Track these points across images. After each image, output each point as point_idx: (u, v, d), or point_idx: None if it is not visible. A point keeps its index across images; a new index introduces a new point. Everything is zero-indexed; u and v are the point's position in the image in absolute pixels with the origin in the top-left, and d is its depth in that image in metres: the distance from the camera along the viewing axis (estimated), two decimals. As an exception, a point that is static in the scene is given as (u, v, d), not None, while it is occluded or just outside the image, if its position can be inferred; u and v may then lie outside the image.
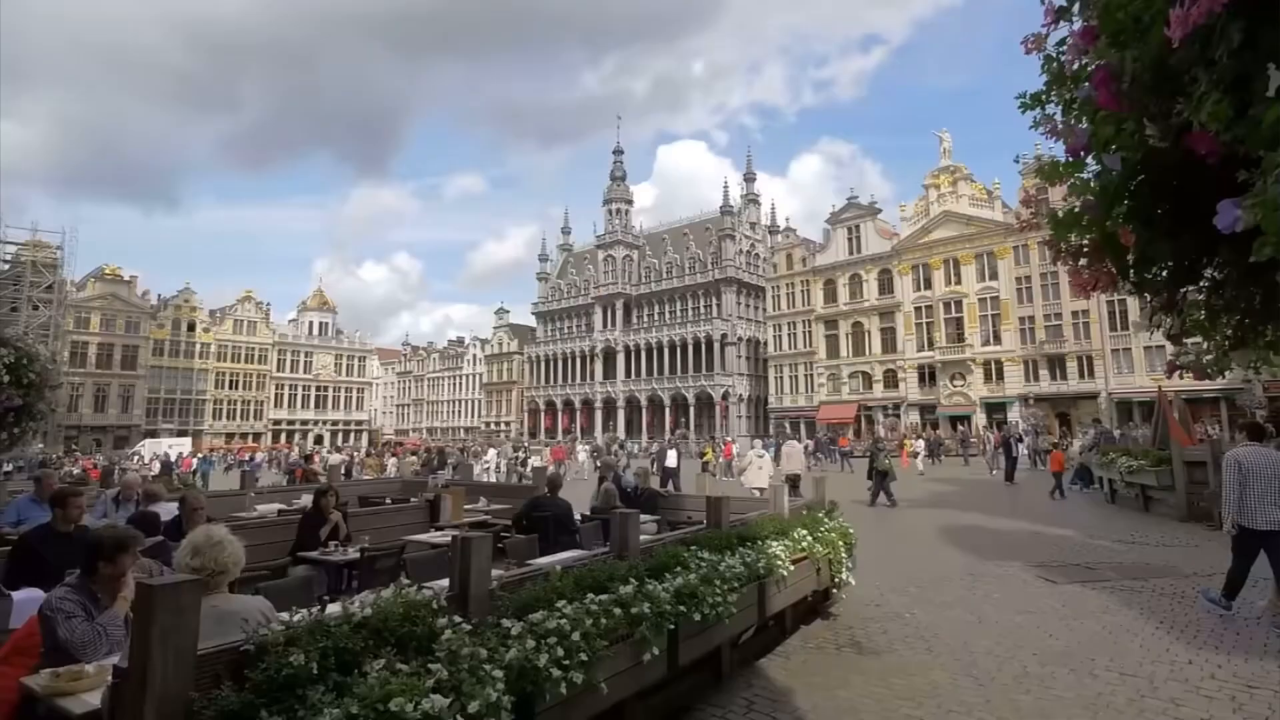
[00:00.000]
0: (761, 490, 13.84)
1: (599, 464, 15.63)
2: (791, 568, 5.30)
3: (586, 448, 21.03)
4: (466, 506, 7.94)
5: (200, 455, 39.78)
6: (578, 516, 7.10)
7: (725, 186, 61.12)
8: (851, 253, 52.06)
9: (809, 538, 5.90)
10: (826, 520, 6.47)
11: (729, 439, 39.75)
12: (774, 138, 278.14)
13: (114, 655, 2.81)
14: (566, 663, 2.97)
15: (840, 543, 6.32)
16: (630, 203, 68.93)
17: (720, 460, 25.67)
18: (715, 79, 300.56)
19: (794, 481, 14.30)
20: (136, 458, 43.09)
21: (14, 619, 3.60)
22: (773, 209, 66.92)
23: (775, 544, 5.27)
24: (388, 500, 8.80)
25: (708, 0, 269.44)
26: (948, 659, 5.25)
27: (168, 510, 6.74)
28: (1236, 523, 5.78)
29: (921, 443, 28.20)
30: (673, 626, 3.78)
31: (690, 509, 7.79)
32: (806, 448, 35.96)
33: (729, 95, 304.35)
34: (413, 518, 7.33)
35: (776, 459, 16.68)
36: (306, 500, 8.73)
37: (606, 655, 3.25)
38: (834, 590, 6.42)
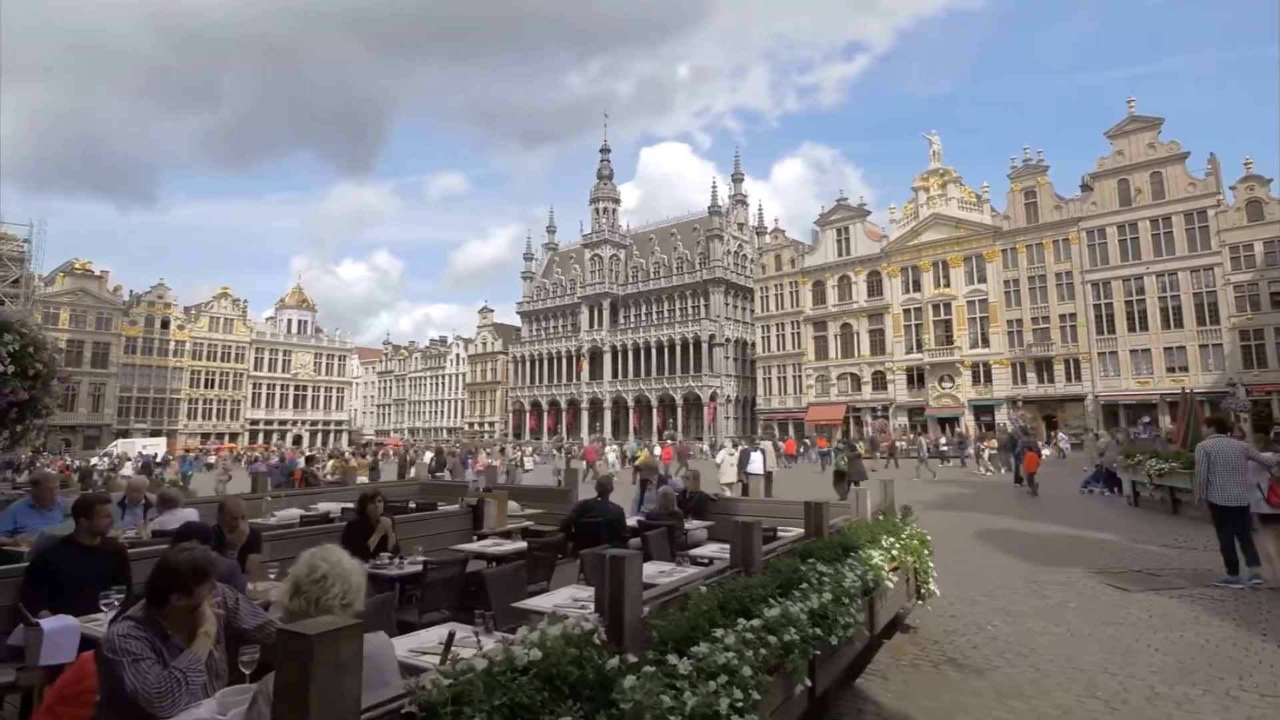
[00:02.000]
0: (730, 486, 14.57)
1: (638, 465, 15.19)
2: (895, 579, 4.86)
3: (616, 448, 20.21)
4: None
5: (188, 455, 38.43)
6: (632, 522, 6.60)
7: (714, 187, 60.96)
8: (841, 254, 52.06)
9: (897, 545, 5.46)
10: (906, 526, 6.04)
11: (669, 441, 39.11)
12: (756, 141, 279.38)
13: (197, 708, 2.26)
14: (741, 704, 2.48)
15: (924, 550, 5.89)
16: (617, 202, 68.41)
17: (660, 464, 24.48)
18: (700, 82, 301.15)
19: (767, 479, 15.20)
20: (108, 458, 41.61)
21: (45, 653, 3.02)
22: (760, 210, 66.90)
23: (876, 553, 4.82)
24: (411, 505, 8.19)
25: (694, 5, 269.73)
26: (1060, 677, 4.83)
27: (184, 517, 6.12)
28: (1207, 500, 7.25)
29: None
30: (817, 652, 3.31)
31: (745, 514, 7.31)
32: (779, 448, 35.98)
33: (713, 99, 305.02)
34: (455, 525, 6.75)
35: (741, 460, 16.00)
36: (326, 506, 8.13)
37: (766, 692, 2.77)
38: (919, 601, 5.99)
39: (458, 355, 78.93)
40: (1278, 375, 35.70)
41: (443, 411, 79.08)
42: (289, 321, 73.36)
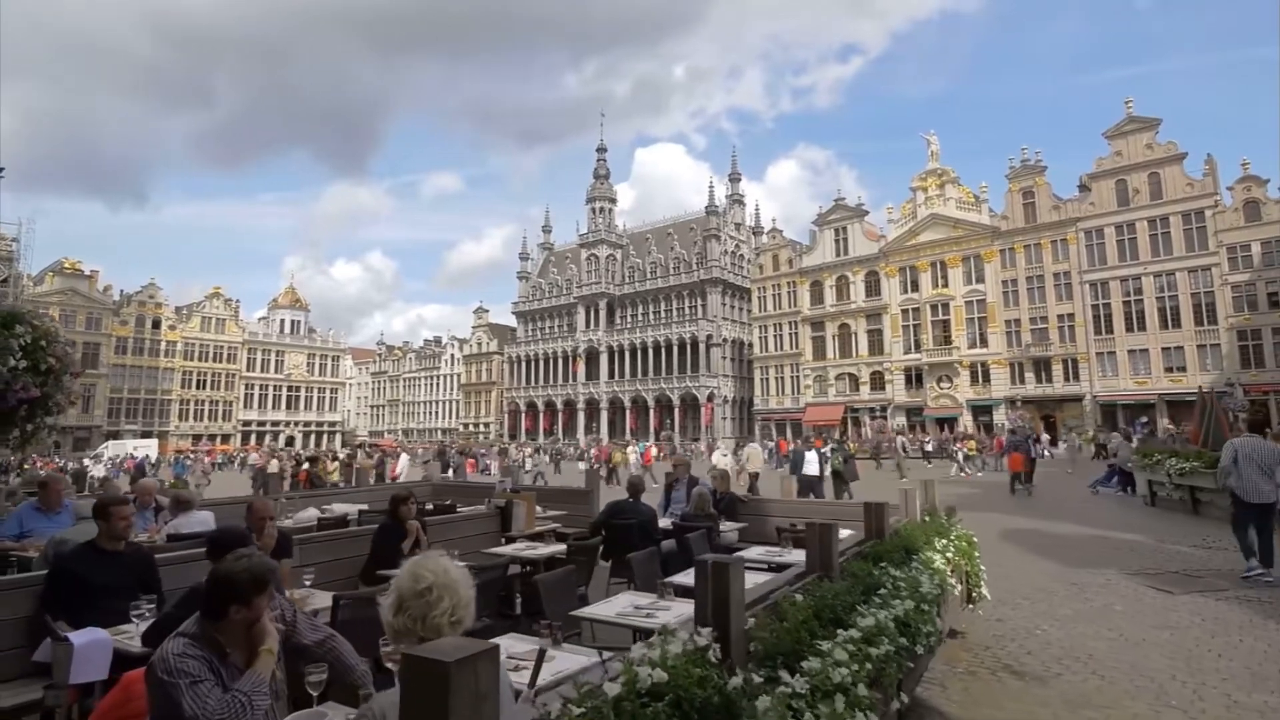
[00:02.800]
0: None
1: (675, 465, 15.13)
2: (955, 582, 4.64)
3: (637, 449, 19.70)
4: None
5: (180, 457, 37.88)
6: (666, 523, 6.35)
7: (710, 186, 60.78)
8: (839, 254, 51.98)
9: (950, 548, 5.25)
10: (953, 528, 5.82)
11: (648, 444, 38.90)
12: (751, 143, 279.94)
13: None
14: (859, 726, 2.25)
15: (974, 552, 5.68)
16: (614, 201, 68.15)
17: (639, 464, 24.12)
18: (695, 83, 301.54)
19: (752, 479, 15.56)
20: (99, 460, 41.05)
21: (76, 670, 2.75)
22: (757, 210, 66.83)
23: (936, 556, 4.60)
24: (428, 505, 7.91)
25: (690, 6, 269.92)
26: (1127, 685, 4.63)
27: (201, 520, 5.85)
28: (1231, 489, 7.39)
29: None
30: (910, 665, 3.08)
31: (778, 514, 7.09)
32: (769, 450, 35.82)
33: (708, 99, 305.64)
34: (482, 527, 6.48)
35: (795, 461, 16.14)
36: (342, 508, 7.84)
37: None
38: (970, 605, 5.77)
39: (453, 356, 78.43)
40: (1275, 375, 35.82)
41: (438, 412, 78.55)
42: (282, 321, 72.66)
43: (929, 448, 35.32)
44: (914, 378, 47.74)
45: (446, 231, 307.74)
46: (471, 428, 72.67)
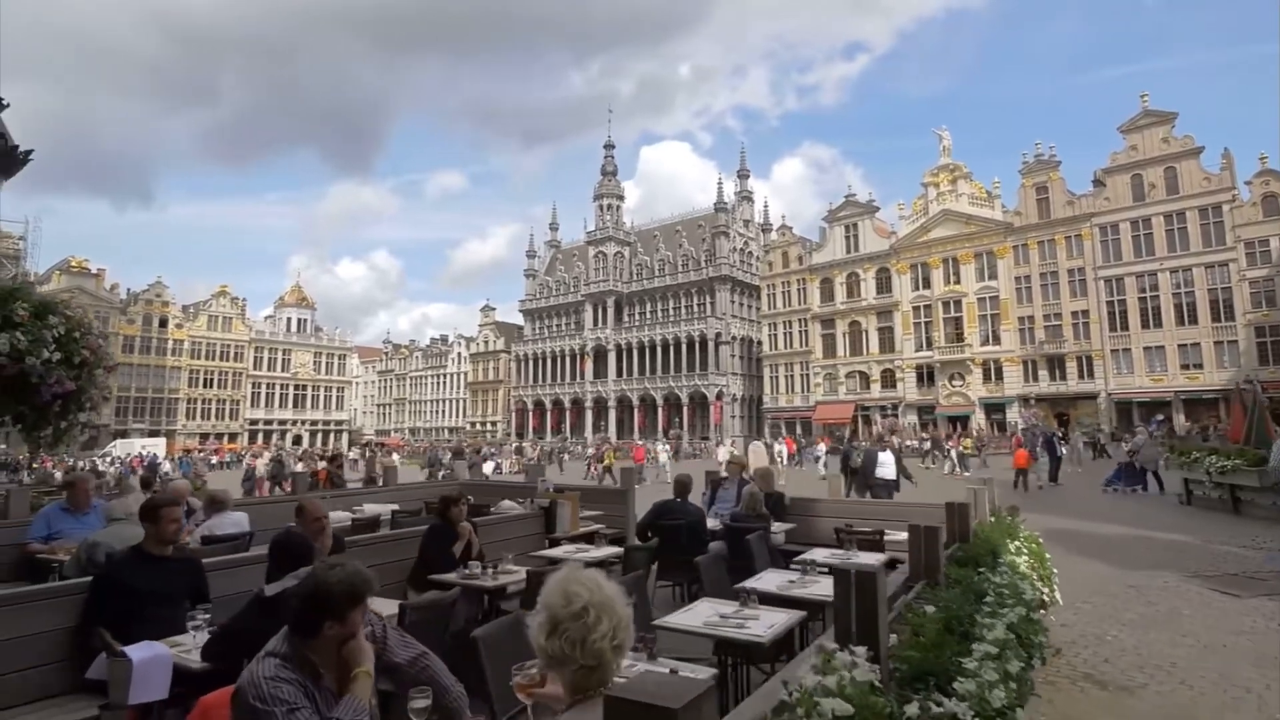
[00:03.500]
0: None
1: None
2: (1041, 587, 4.38)
3: (668, 447, 19.23)
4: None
5: (187, 456, 37.78)
6: (716, 524, 6.10)
7: (719, 183, 60.53)
8: (849, 251, 51.59)
9: (1024, 550, 4.98)
10: (1020, 529, 5.55)
11: (639, 443, 38.80)
12: (756, 141, 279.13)
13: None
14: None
15: (1045, 554, 5.42)
16: (621, 198, 67.85)
17: (670, 463, 23.79)
18: (700, 81, 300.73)
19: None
20: (107, 459, 41.01)
21: (135, 689, 2.52)
22: (765, 207, 66.47)
23: (1020, 559, 4.34)
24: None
25: (693, 6, 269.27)
26: (1221, 696, 4.37)
27: (235, 522, 5.63)
28: None
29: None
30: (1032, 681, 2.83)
31: (826, 514, 6.83)
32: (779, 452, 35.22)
33: (713, 98, 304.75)
34: (527, 529, 6.24)
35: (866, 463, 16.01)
36: (373, 509, 7.59)
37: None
38: (1043, 610, 5.50)
39: (459, 354, 78.25)
40: (1294, 372, 35.38)
41: (444, 411, 78.41)
42: (288, 320, 72.55)
43: (926, 446, 34.79)
44: (926, 376, 47.37)
45: (451, 230, 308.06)
46: (478, 426, 72.50)
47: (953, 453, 26.96)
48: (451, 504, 4.66)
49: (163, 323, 62.91)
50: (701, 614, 3.34)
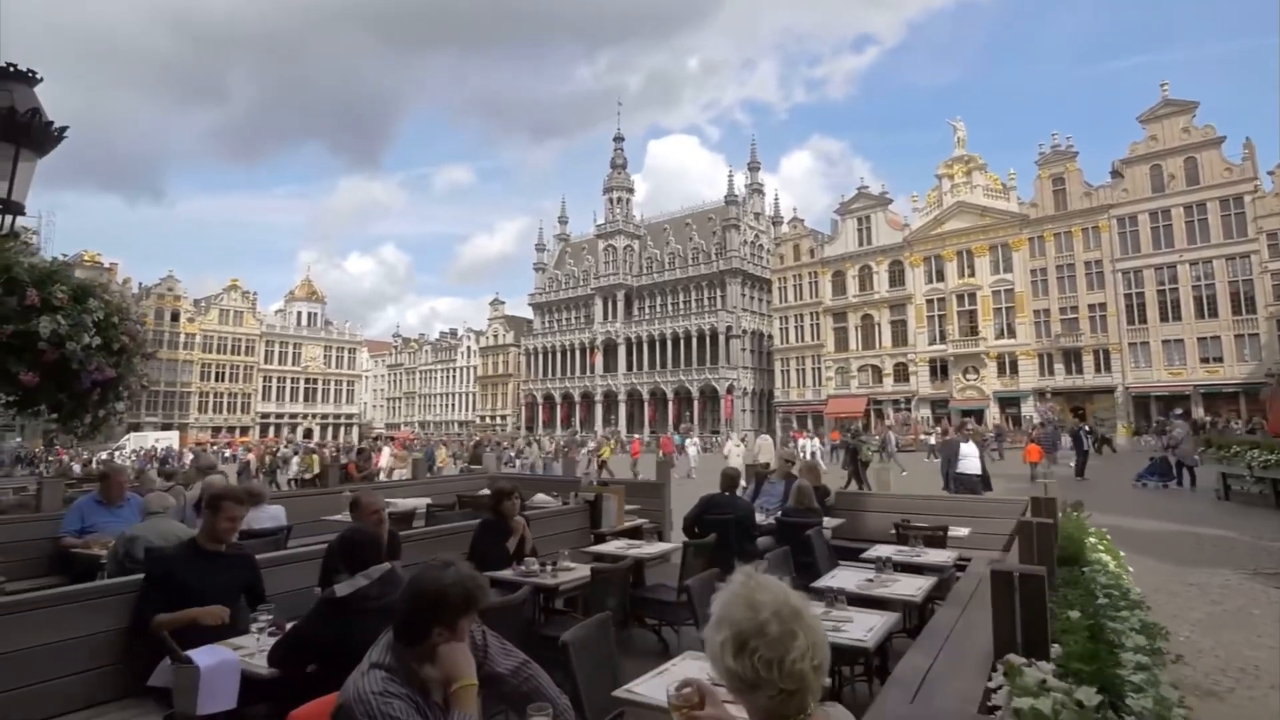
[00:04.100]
0: None
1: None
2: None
3: (696, 441, 18.81)
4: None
5: (200, 449, 37.82)
6: (768, 519, 5.88)
7: (729, 175, 60.01)
8: (861, 244, 51.15)
9: (1099, 547, 4.74)
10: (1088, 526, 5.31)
11: (635, 436, 38.75)
12: (764, 134, 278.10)
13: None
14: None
15: (1119, 552, 5.17)
16: (631, 191, 67.49)
17: (698, 456, 23.48)
18: (709, 75, 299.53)
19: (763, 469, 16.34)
20: (122, 451, 41.12)
21: (204, 698, 2.32)
22: (776, 200, 65.95)
23: (1106, 557, 4.10)
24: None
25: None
26: (1321, 702, 4.13)
27: (272, 516, 5.45)
28: None
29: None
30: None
31: (875, 509, 6.60)
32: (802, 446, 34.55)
33: (721, 91, 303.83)
34: (572, 523, 6.04)
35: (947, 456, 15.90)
36: (405, 503, 7.39)
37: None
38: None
39: (468, 348, 78.22)
40: (1317, 365, 34.80)
41: (454, 405, 78.44)
42: (298, 314, 72.60)
43: (933, 441, 34.27)
44: (939, 369, 46.97)
45: (458, 225, 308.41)
46: (488, 420, 72.51)
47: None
48: (504, 498, 4.45)
49: (174, 317, 63.08)
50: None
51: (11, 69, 4.08)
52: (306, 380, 70.89)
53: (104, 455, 31.04)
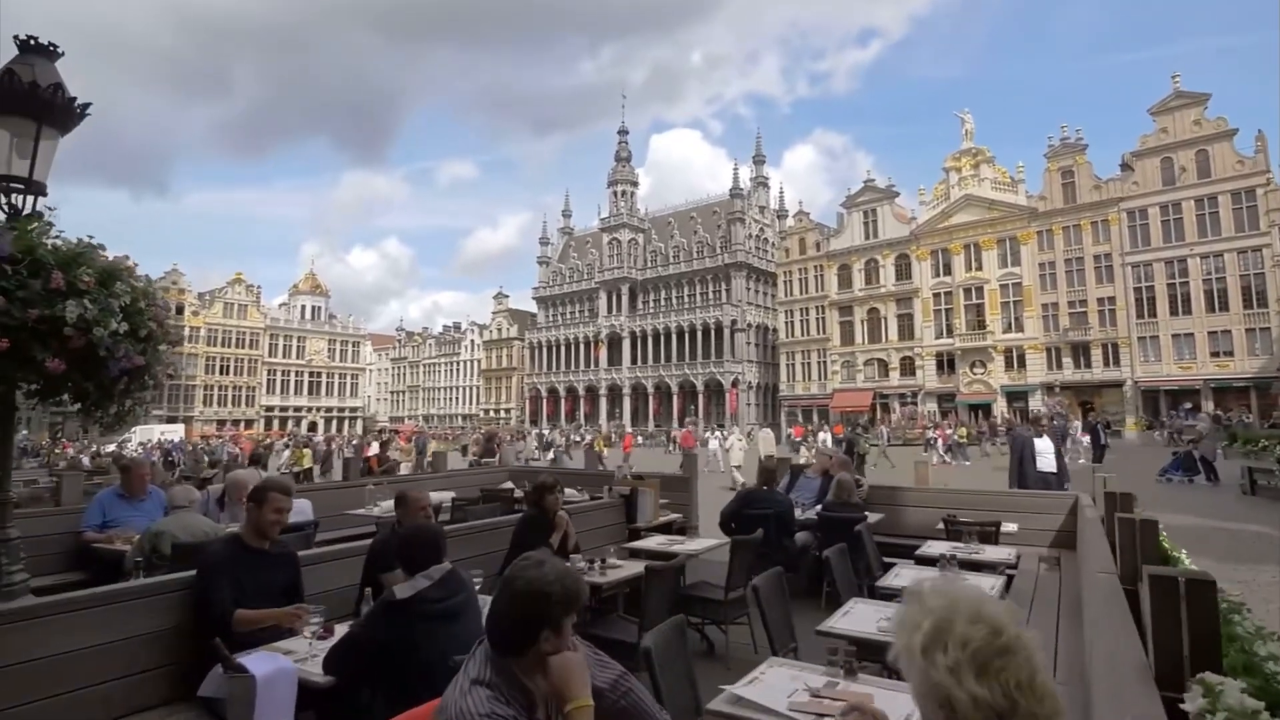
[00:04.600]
0: (739, 467, 15.39)
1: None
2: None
3: (719, 435, 18.49)
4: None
5: (207, 442, 37.76)
6: (810, 515, 5.70)
7: (735, 169, 59.70)
8: (867, 237, 50.85)
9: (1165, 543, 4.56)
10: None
11: (629, 431, 38.80)
12: (767, 128, 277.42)
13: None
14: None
15: (1180, 549, 4.99)
16: (635, 184, 67.15)
17: (721, 450, 23.30)
18: (712, 69, 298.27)
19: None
20: (127, 444, 41.01)
21: (262, 709, 2.14)
22: (781, 193, 65.58)
23: (1181, 555, 3.92)
24: (518, 491, 7.31)
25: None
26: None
27: (299, 510, 5.27)
28: None
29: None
30: None
31: (913, 504, 6.42)
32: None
33: (725, 85, 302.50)
34: (606, 519, 5.86)
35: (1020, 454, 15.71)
36: (435, 496, 7.21)
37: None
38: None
39: (472, 341, 78.06)
40: (1329, 360, 34.58)
41: (458, 398, 78.34)
42: (303, 307, 72.44)
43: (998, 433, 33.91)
44: (946, 363, 46.76)
45: (462, 219, 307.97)
46: (492, 413, 72.40)
47: (938, 443, 26.11)
48: (546, 492, 4.27)
49: (179, 310, 62.88)
50: (857, 620, 2.93)
51: (32, 42, 3.89)
52: (311, 373, 70.80)
53: (111, 448, 30.94)
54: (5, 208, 3.82)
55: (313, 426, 64.17)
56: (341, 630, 2.76)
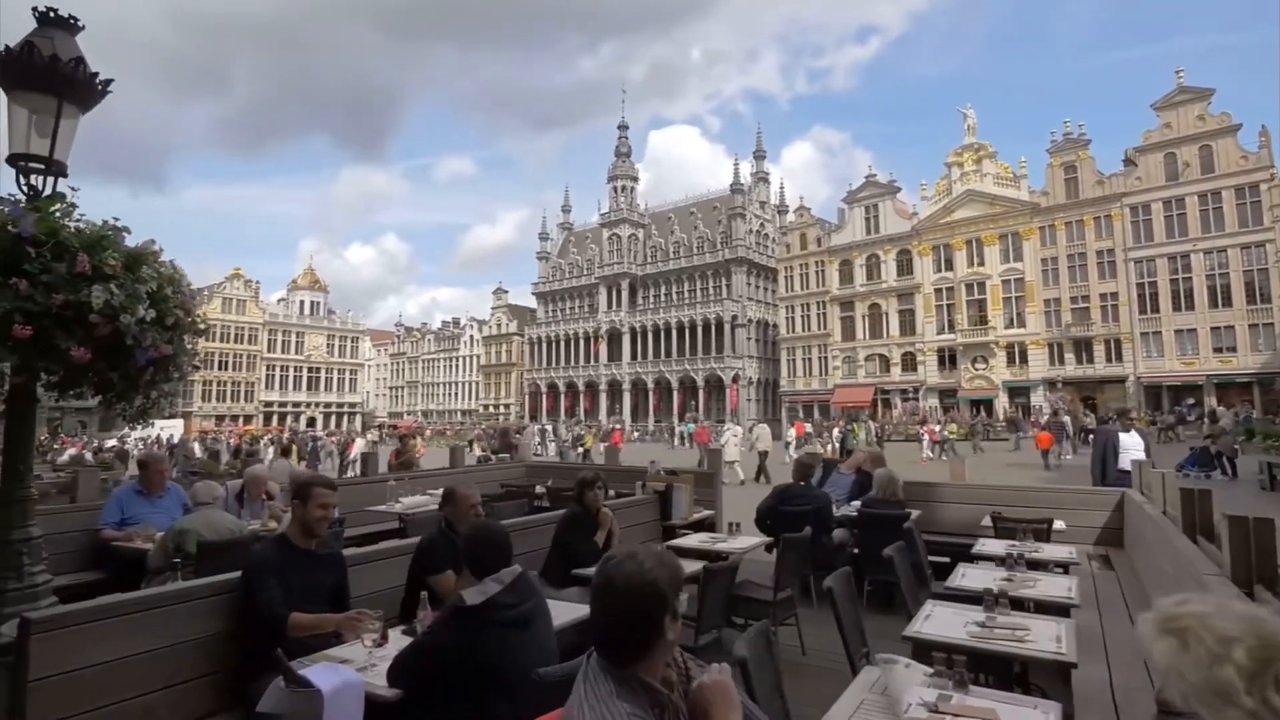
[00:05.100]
0: (733, 464, 15.74)
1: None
2: None
3: (738, 430, 18.12)
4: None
5: (206, 438, 37.47)
6: (849, 511, 5.54)
7: (735, 164, 59.40)
8: (869, 233, 50.70)
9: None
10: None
11: (616, 426, 38.84)
12: (766, 125, 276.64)
13: None
14: None
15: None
16: (635, 180, 66.82)
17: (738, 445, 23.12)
18: (712, 66, 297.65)
19: (761, 457, 18.76)
20: (128, 440, 40.71)
21: (332, 723, 1.96)
22: (781, 189, 65.37)
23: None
24: (538, 489, 7.14)
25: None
26: None
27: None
28: None
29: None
30: None
31: (951, 500, 6.25)
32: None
33: (724, 82, 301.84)
34: (640, 516, 5.68)
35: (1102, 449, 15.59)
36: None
37: None
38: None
39: (472, 337, 77.77)
40: (1332, 356, 34.57)
41: (457, 394, 78.07)
42: (301, 303, 72.05)
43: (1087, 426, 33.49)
44: (947, 359, 46.68)
45: (460, 215, 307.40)
46: (491, 409, 72.19)
47: (925, 439, 25.90)
48: (587, 487, 4.10)
49: (175, 304, 62.52)
50: (952, 621, 2.76)
51: (52, 14, 3.68)
52: (310, 369, 70.47)
53: (111, 443, 30.68)
54: (25, 189, 3.61)
55: (311, 422, 63.91)
56: (395, 637, 2.58)
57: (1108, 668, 2.66)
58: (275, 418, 63.93)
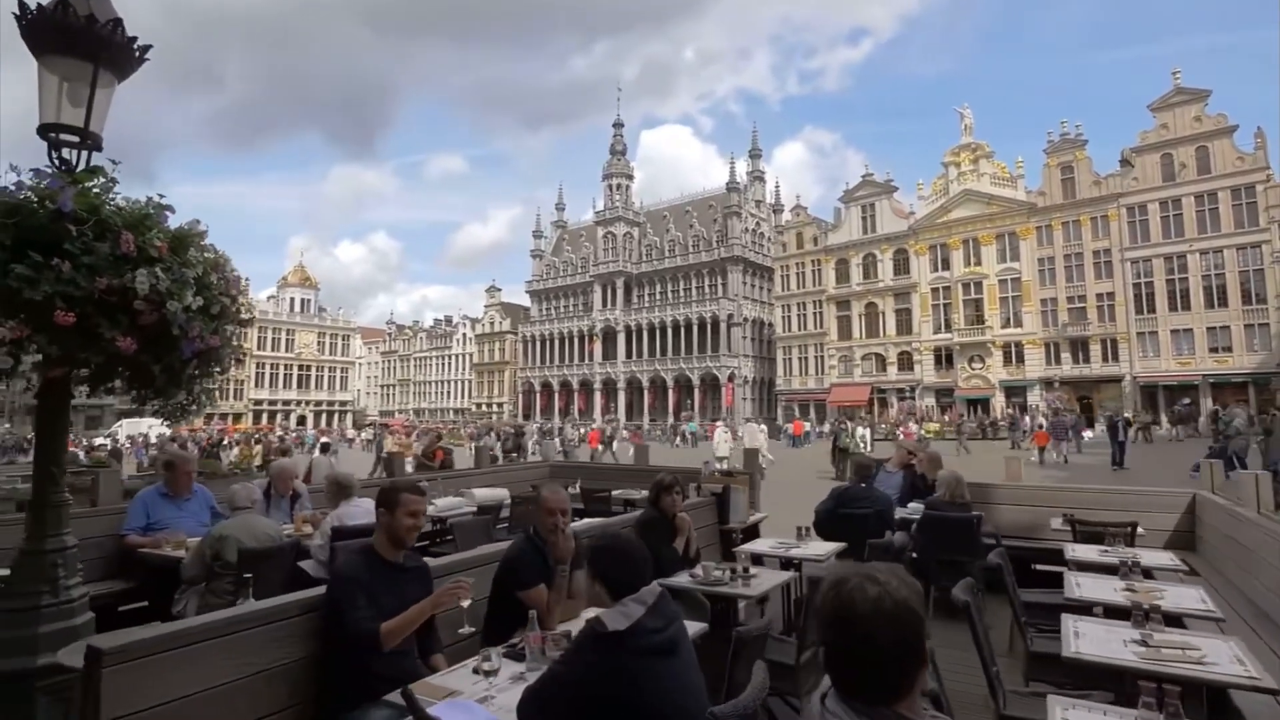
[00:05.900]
0: (724, 461, 15.62)
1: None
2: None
3: (748, 428, 17.76)
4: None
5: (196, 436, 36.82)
6: (907, 514, 5.28)
7: (731, 163, 59.23)
8: (865, 232, 50.67)
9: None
10: None
11: (594, 425, 38.83)
12: (758, 125, 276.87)
13: None
14: None
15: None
16: (630, 178, 66.52)
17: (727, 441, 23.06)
18: (704, 65, 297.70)
19: (751, 455, 17.63)
20: (113, 439, 40.03)
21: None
22: (777, 188, 65.27)
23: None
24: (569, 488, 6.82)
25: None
26: None
27: (366, 510, 4.77)
28: None
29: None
30: None
31: (1007, 501, 6.02)
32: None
33: (716, 82, 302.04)
34: (700, 520, 5.38)
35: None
36: (484, 494, 6.71)
37: None
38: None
39: (464, 335, 77.17)
40: (1327, 355, 34.82)
41: (449, 392, 77.45)
42: (291, 300, 71.16)
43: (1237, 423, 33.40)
44: (944, 358, 46.73)
45: (451, 213, 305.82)
46: (484, 408, 71.67)
47: (899, 438, 25.75)
48: (664, 491, 3.82)
49: (162, 301, 61.54)
50: (1105, 638, 2.51)
51: (84, -30, 3.34)
52: (300, 367, 69.65)
53: (100, 441, 30.08)
54: (56, 162, 3.27)
55: (302, 420, 63.18)
56: (507, 664, 2.29)
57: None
58: (265, 416, 63.13)
